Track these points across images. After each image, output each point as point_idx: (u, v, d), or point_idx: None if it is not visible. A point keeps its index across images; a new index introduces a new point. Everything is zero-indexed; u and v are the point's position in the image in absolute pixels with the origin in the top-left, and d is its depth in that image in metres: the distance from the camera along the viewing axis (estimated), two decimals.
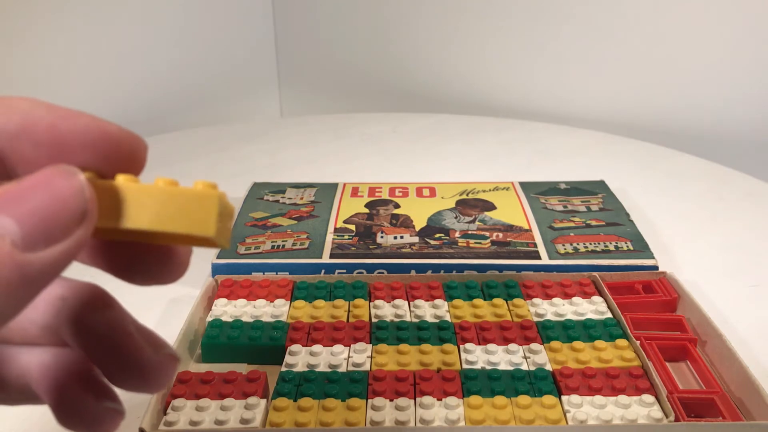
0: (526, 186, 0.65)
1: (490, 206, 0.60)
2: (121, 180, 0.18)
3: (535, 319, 0.45)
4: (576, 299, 0.47)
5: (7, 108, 0.18)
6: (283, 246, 0.53)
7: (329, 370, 0.40)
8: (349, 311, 0.46)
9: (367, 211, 0.60)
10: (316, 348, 0.42)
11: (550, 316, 0.45)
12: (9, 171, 0.19)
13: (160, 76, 1.03)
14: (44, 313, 0.21)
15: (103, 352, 0.20)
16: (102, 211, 0.17)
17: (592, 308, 0.46)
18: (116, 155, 0.19)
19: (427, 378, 0.39)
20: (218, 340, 0.43)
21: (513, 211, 0.59)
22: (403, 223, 0.57)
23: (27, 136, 0.18)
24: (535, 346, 0.42)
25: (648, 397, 0.37)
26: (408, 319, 0.45)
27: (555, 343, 0.42)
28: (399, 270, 0.51)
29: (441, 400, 0.37)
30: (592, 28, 0.93)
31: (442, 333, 0.43)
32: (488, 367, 0.40)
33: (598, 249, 0.52)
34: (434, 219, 0.58)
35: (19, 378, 0.21)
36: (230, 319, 0.45)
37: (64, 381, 0.21)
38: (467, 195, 0.63)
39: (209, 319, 0.45)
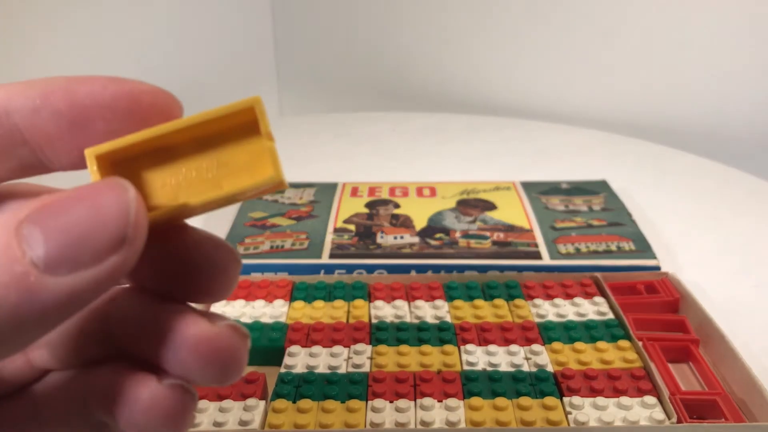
0: (527, 186, 0.64)
1: (491, 206, 0.60)
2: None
3: (537, 319, 0.45)
4: (578, 300, 0.46)
5: (26, 86, 0.17)
6: (282, 246, 0.53)
7: (329, 371, 0.40)
8: (348, 312, 0.46)
9: (367, 211, 0.59)
10: (316, 349, 0.41)
11: (551, 317, 0.45)
12: (37, 153, 0.17)
13: (157, 74, 1.02)
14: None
15: (168, 270, 0.18)
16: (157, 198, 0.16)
17: (593, 309, 0.45)
18: (141, 112, 0.17)
19: (428, 379, 0.38)
20: None
21: (514, 211, 0.59)
22: (403, 223, 0.57)
23: (46, 107, 0.17)
24: (536, 347, 0.41)
25: (650, 399, 0.37)
26: (408, 319, 0.45)
27: (556, 344, 0.42)
28: (399, 270, 0.51)
29: (441, 401, 0.37)
30: (594, 27, 0.92)
31: (443, 334, 0.43)
32: (489, 369, 0.40)
33: (599, 249, 0.52)
34: (434, 219, 0.58)
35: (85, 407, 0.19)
36: None
37: (124, 391, 0.18)
38: (468, 195, 0.62)
39: None
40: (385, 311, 0.46)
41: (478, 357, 0.41)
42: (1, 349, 0.14)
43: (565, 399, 0.37)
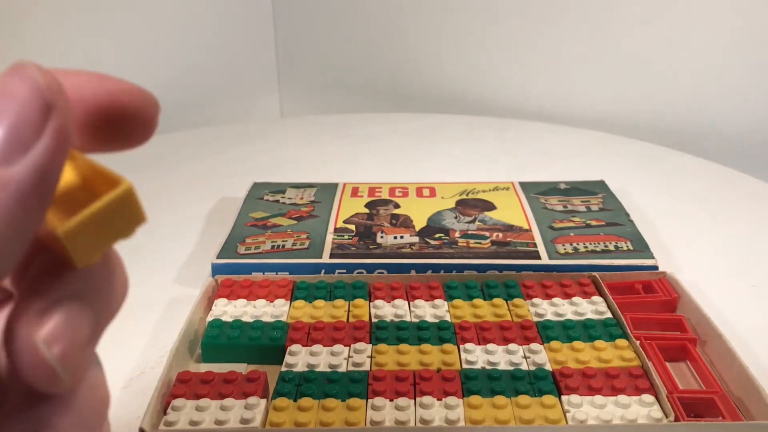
0: (526, 186, 0.65)
1: (490, 206, 0.60)
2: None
3: (535, 319, 0.45)
4: (576, 299, 0.47)
5: None
6: (283, 246, 0.53)
7: (329, 370, 0.40)
8: (349, 311, 0.46)
9: (367, 211, 0.60)
10: (316, 348, 0.42)
11: (550, 316, 0.45)
12: None
13: (159, 76, 1.03)
14: None
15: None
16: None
17: (592, 308, 0.46)
18: (117, 109, 0.18)
19: (427, 378, 0.39)
20: (218, 340, 0.43)
21: (513, 211, 0.59)
22: (403, 223, 0.57)
23: None
24: (534, 346, 0.42)
25: (648, 397, 0.37)
26: (408, 319, 0.45)
27: (555, 343, 0.42)
28: (399, 270, 0.51)
29: (441, 399, 0.37)
30: (592, 28, 0.93)
31: (442, 333, 0.43)
32: (488, 367, 0.40)
33: (598, 249, 0.52)
34: (434, 219, 0.58)
35: None
36: (230, 319, 0.45)
37: None
38: (467, 195, 0.63)
39: (209, 319, 0.45)
40: (385, 310, 0.46)
41: (477, 356, 0.41)
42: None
43: (564, 397, 0.37)
